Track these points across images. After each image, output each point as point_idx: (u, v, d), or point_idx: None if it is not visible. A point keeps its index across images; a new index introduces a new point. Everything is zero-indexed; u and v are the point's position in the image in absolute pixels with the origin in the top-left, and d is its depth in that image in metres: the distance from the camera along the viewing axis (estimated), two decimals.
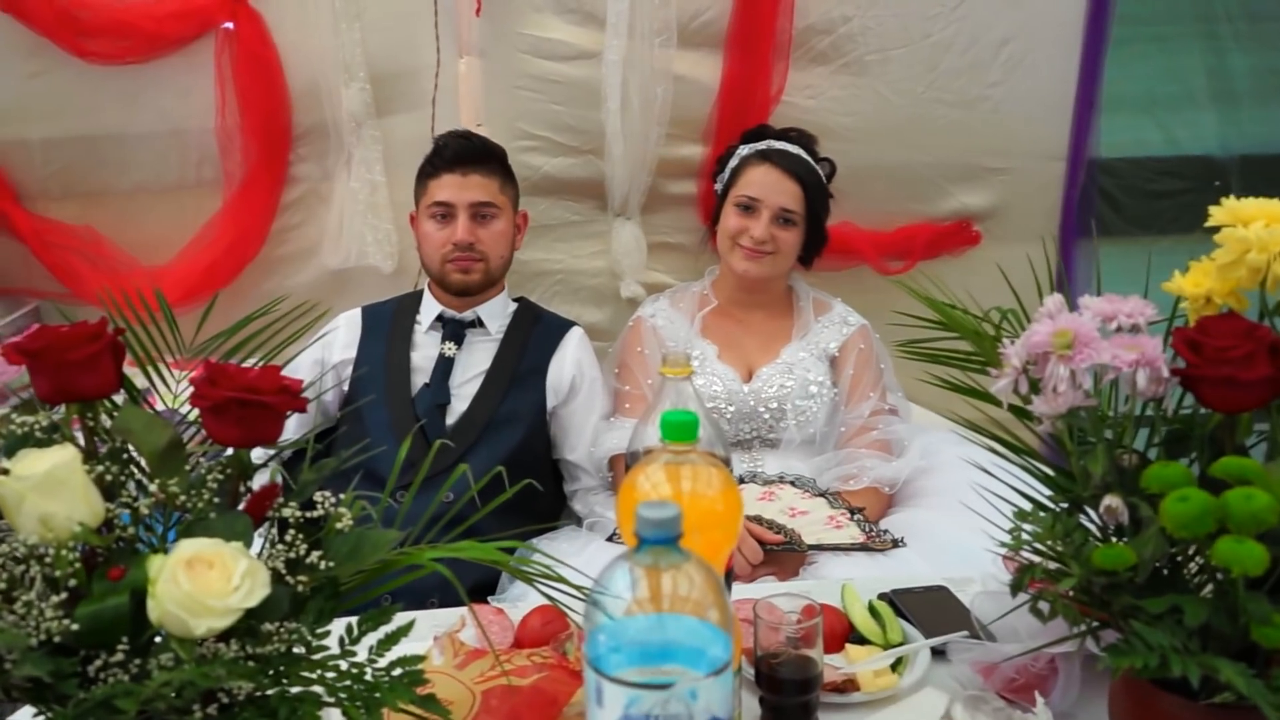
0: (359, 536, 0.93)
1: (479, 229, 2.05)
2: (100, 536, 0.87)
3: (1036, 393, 1.07)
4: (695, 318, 2.19)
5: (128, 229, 2.51)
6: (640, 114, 2.40)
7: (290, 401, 0.94)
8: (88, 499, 0.88)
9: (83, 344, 0.93)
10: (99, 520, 0.88)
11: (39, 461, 0.87)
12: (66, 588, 0.84)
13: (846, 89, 2.49)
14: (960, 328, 1.30)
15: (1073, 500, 1.10)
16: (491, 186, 2.07)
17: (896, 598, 1.45)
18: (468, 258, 2.05)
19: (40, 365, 0.94)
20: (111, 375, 0.96)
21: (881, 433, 2.07)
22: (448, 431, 1.98)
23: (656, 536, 0.85)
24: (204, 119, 2.44)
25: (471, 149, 2.06)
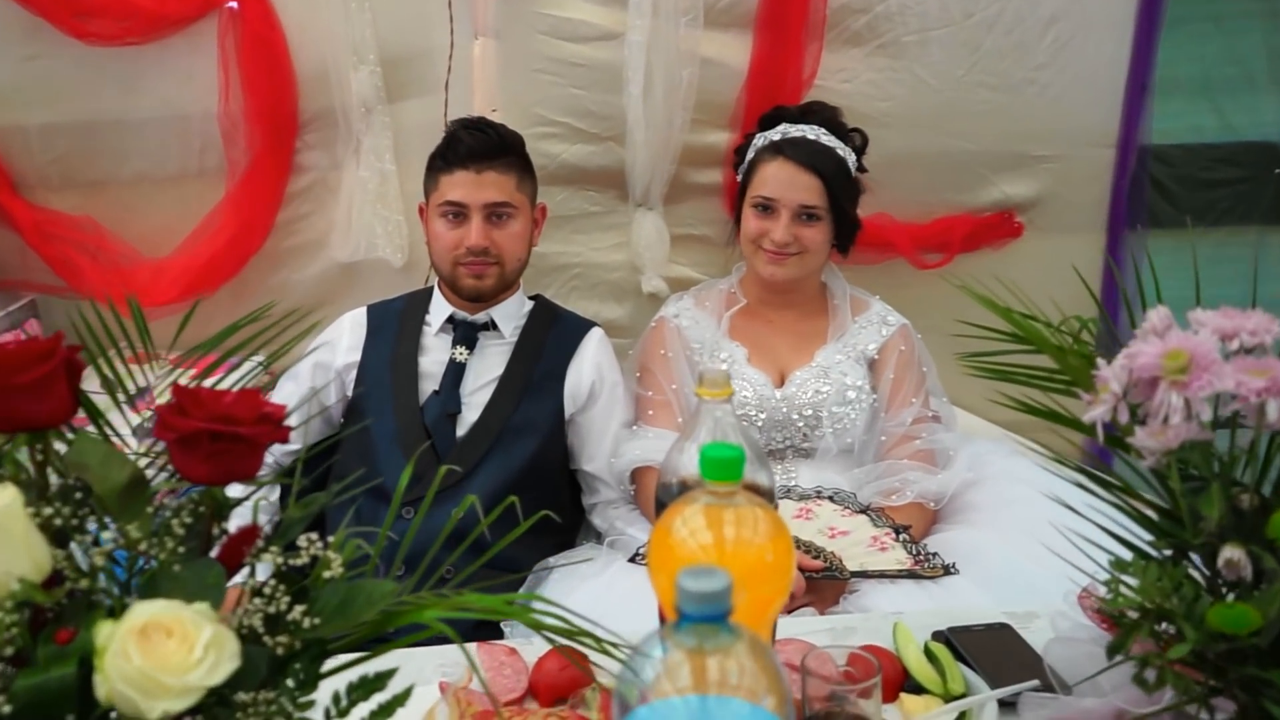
0: (351, 588, 0.81)
1: (494, 231, 1.89)
2: (47, 592, 0.75)
3: (1139, 423, 0.91)
4: (723, 318, 2.03)
5: (129, 220, 2.37)
6: (664, 98, 2.24)
7: (271, 433, 0.81)
8: (30, 549, 0.75)
9: (32, 365, 0.81)
10: (45, 573, 0.75)
11: None
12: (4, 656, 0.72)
13: (883, 72, 2.32)
14: (1039, 341, 1.12)
15: (1178, 547, 0.94)
16: (508, 184, 1.89)
17: (955, 638, 1.29)
18: (481, 262, 1.89)
19: None
20: (66, 400, 0.83)
21: (925, 442, 1.92)
22: (458, 442, 1.84)
23: (703, 614, 0.71)
24: (207, 104, 2.28)
25: (487, 143, 1.89)
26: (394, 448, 1.81)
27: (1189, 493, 0.91)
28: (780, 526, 0.92)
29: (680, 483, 1.07)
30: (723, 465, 0.90)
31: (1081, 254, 2.51)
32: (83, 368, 0.86)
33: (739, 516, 0.91)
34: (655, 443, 1.87)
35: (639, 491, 1.89)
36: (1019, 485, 1.85)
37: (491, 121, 1.94)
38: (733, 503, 0.91)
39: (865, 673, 1.05)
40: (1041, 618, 1.32)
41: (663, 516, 0.93)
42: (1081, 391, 0.99)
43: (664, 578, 0.91)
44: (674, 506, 0.92)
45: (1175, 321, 0.98)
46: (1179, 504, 0.91)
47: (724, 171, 2.33)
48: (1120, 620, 0.94)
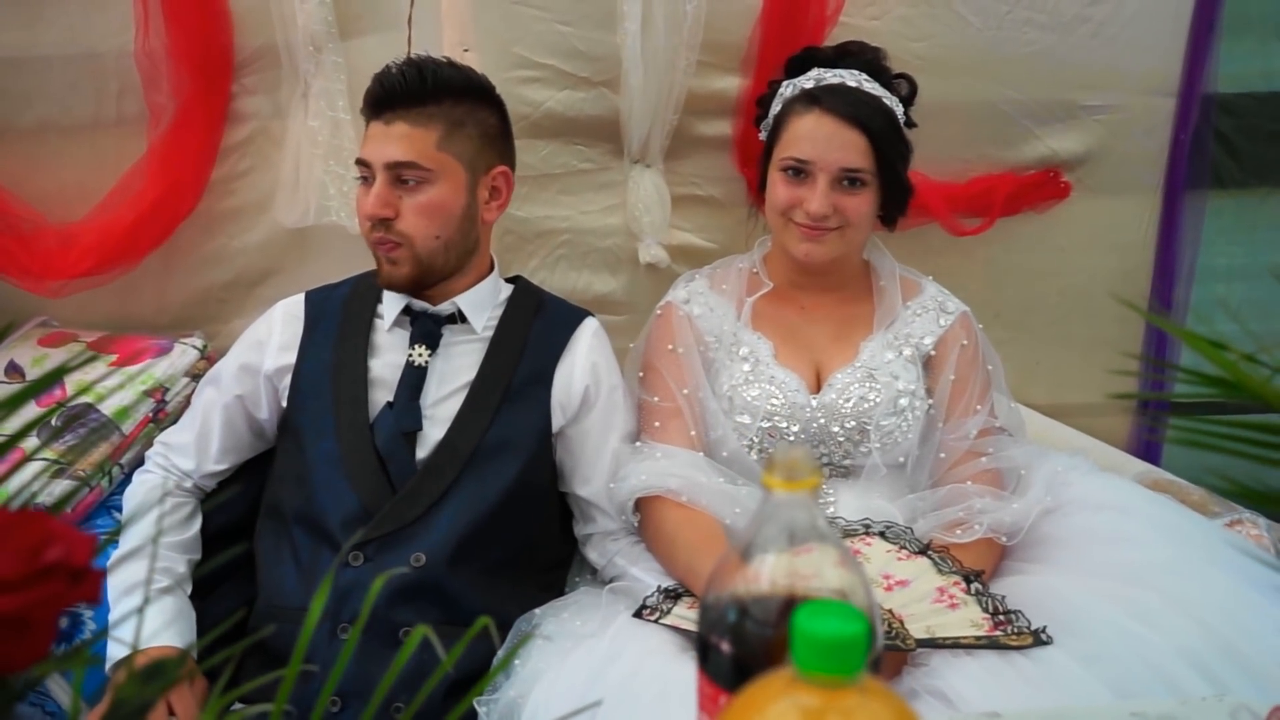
0: None
1: (400, 199, 1.46)
2: None
3: None
4: (744, 305, 1.66)
5: (31, 177, 2.00)
6: (665, 37, 1.91)
7: (67, 593, 0.52)
8: None
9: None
10: None
11: None
12: None
13: (917, 7, 2.01)
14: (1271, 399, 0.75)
15: None
16: (423, 140, 1.45)
17: None
18: (386, 240, 1.47)
19: None
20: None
21: (993, 459, 1.57)
22: (419, 468, 1.46)
23: None
24: (123, 40, 1.92)
25: (402, 88, 1.45)
26: (336, 475, 1.45)
27: None
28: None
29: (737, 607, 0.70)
30: (832, 652, 0.55)
31: (1135, 217, 2.21)
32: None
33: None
34: (665, 464, 1.53)
35: (645, 524, 1.54)
36: (1106, 513, 1.53)
37: (434, 61, 1.51)
38: (841, 706, 0.55)
39: None
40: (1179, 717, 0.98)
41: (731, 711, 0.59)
42: None
43: None
44: (746, 700, 0.57)
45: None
46: None
47: (734, 122, 2.01)
48: None
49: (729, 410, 1.58)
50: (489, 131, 1.53)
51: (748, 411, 1.57)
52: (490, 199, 1.53)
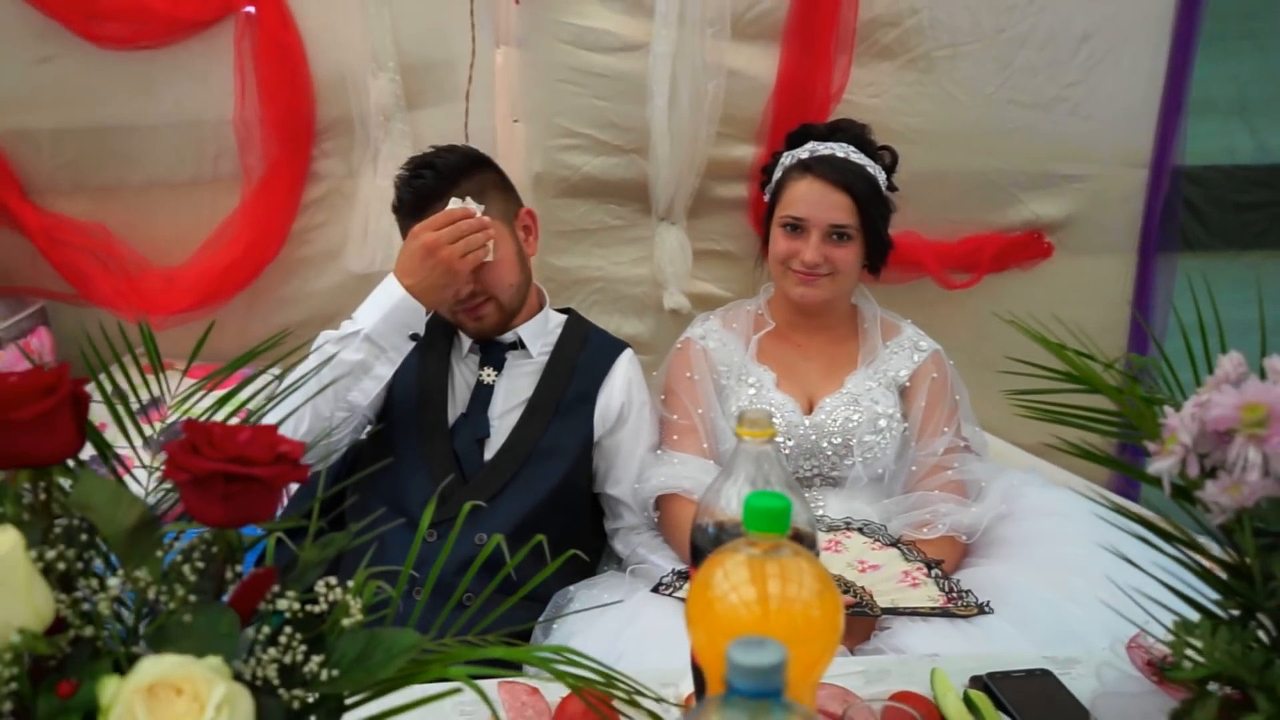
0: (370, 637, 0.74)
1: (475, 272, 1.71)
2: (49, 642, 0.68)
3: (1209, 477, 0.84)
4: (750, 341, 1.92)
5: (140, 227, 2.24)
6: (689, 111, 2.13)
7: (289, 473, 0.74)
8: (31, 598, 0.68)
9: (35, 399, 0.73)
10: (47, 622, 0.69)
11: None
12: (4, 711, 0.67)
13: (912, 87, 2.21)
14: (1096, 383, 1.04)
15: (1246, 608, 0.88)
16: None
17: (995, 685, 1.21)
18: (473, 305, 1.74)
19: None
20: (72, 435, 0.77)
21: (957, 473, 1.80)
22: (485, 466, 1.74)
23: (755, 690, 0.64)
24: (222, 109, 2.17)
25: (427, 189, 1.71)
26: (419, 466, 1.72)
27: (1261, 550, 0.84)
28: (826, 581, 0.85)
29: (717, 525, 0.99)
30: (768, 516, 0.83)
31: (1112, 276, 2.37)
32: (89, 400, 0.80)
33: (784, 570, 0.83)
34: (680, 468, 1.79)
35: (663, 518, 1.80)
36: (1052, 519, 1.76)
37: (429, 157, 1.77)
38: (778, 555, 0.84)
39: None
40: (1083, 663, 1.24)
41: (702, 568, 0.86)
42: (1146, 440, 0.91)
43: (703, 633, 0.86)
44: (714, 558, 0.85)
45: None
46: (1250, 563, 0.85)
47: (749, 186, 2.23)
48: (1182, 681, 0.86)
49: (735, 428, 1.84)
50: (500, 185, 1.80)
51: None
52: (526, 236, 1.80)
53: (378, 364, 1.64)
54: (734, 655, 0.64)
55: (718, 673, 0.71)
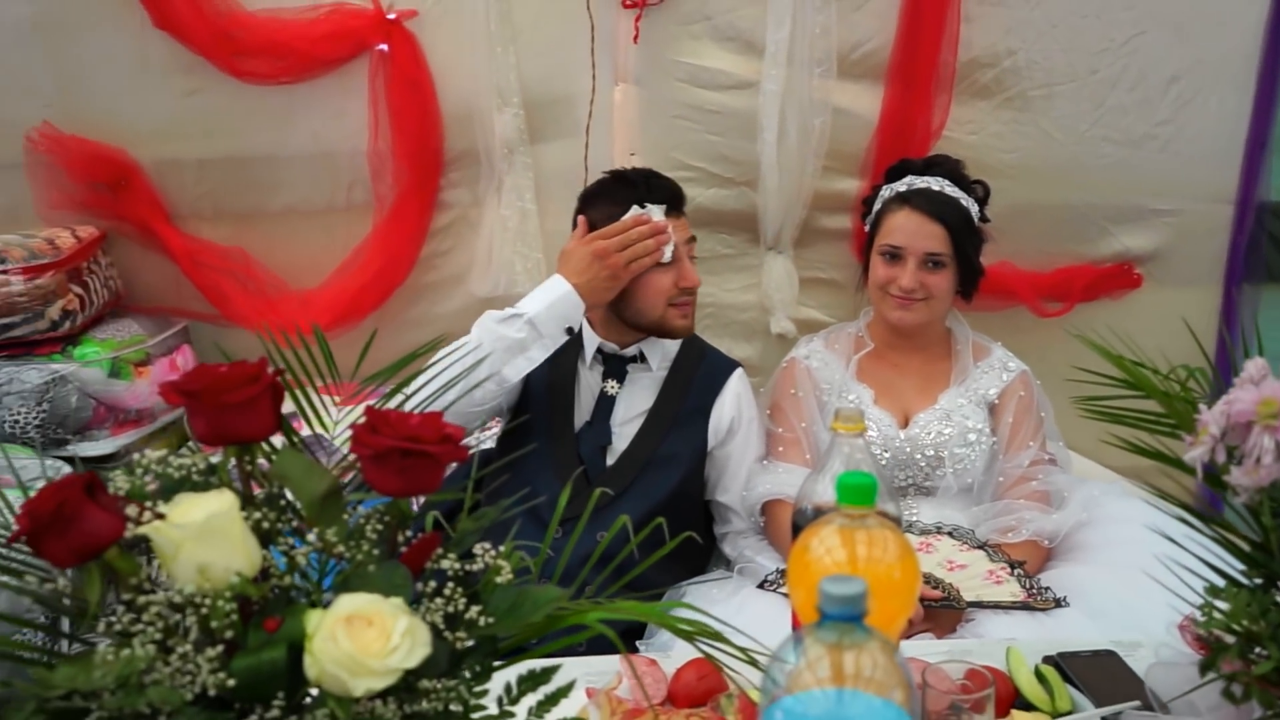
0: (520, 592, 0.89)
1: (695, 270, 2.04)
2: (257, 586, 0.83)
3: (1235, 463, 1.02)
4: (851, 361, 2.17)
5: (277, 251, 2.48)
6: (797, 145, 2.36)
7: (452, 452, 0.88)
8: (245, 548, 0.83)
9: (242, 386, 0.87)
10: (256, 570, 0.84)
11: (197, 508, 0.83)
12: (223, 639, 0.80)
13: (1009, 124, 2.43)
14: (1147, 388, 1.24)
15: (1268, 576, 1.05)
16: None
17: (1063, 662, 1.41)
18: (685, 302, 1.98)
19: (199, 406, 0.88)
20: (270, 418, 0.91)
21: (1041, 483, 2.05)
22: (606, 470, 1.99)
23: (841, 613, 0.82)
24: (356, 141, 2.43)
25: (677, 194, 2.00)
26: (546, 468, 1.94)
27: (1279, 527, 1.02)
28: (907, 548, 1.06)
29: (815, 509, 1.23)
30: (857, 491, 1.01)
31: (1198, 306, 2.49)
32: (283, 391, 0.94)
33: (870, 537, 1.01)
34: (785, 477, 2.04)
35: (768, 523, 2.06)
36: (1129, 526, 1.95)
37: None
38: (865, 525, 1.02)
39: (980, 687, 1.15)
40: (1145, 647, 1.43)
41: (801, 536, 1.09)
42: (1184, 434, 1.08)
43: (801, 591, 1.04)
44: (811, 528, 1.05)
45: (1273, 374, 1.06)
46: (1269, 537, 1.02)
47: (853, 217, 2.51)
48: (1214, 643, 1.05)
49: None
50: None
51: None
52: None
53: (534, 347, 1.88)
54: (825, 587, 0.82)
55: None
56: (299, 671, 0.80)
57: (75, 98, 2.31)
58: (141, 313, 2.43)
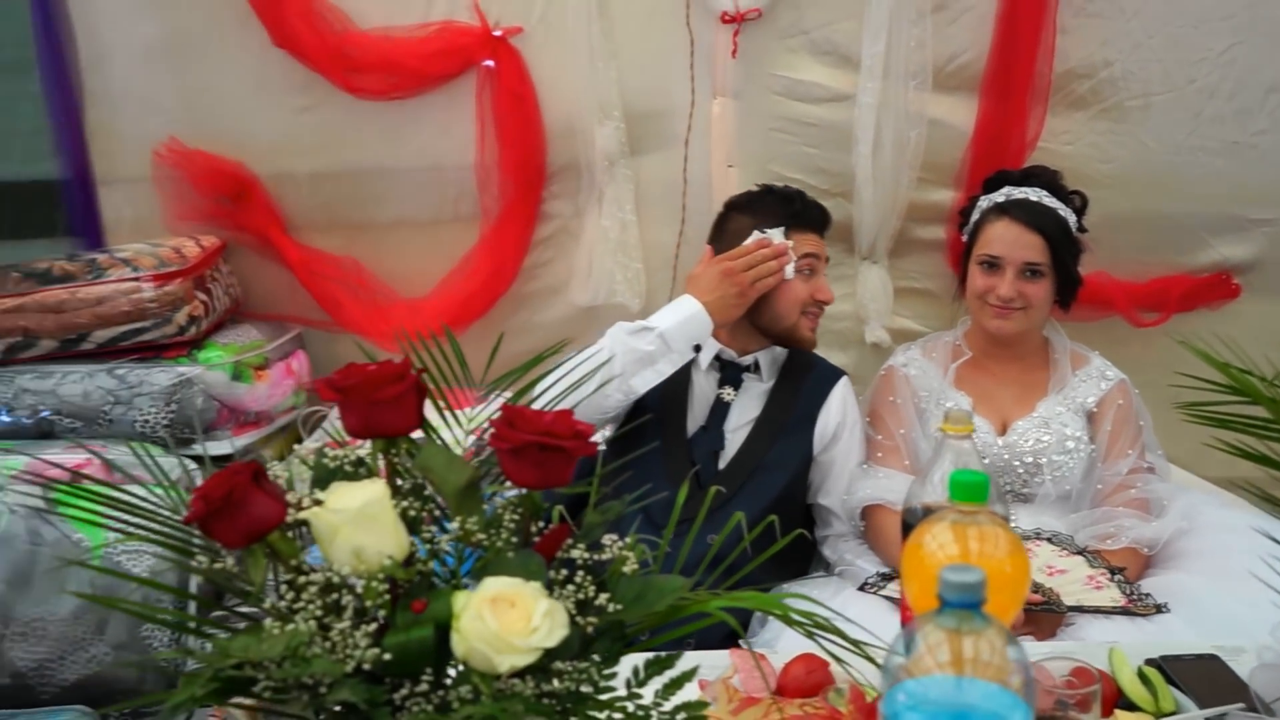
0: (645, 582, 0.93)
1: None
2: (405, 570, 0.89)
3: None
4: (949, 368, 2.18)
5: (387, 260, 2.55)
6: (892, 157, 2.37)
7: (583, 447, 0.93)
8: (396, 534, 0.89)
9: (390, 383, 0.93)
10: (404, 554, 0.89)
11: (352, 495, 0.88)
12: (375, 618, 0.86)
13: (1105, 135, 2.41)
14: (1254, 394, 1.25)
15: None
16: None
17: (1166, 665, 1.41)
18: (816, 313, 2.06)
19: (351, 402, 0.94)
20: (414, 414, 0.96)
21: (1140, 491, 2.04)
22: (717, 474, 2.02)
23: (961, 600, 0.84)
24: (462, 155, 2.48)
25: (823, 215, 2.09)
26: (659, 471, 1.97)
27: None
28: (1017, 544, 1.08)
29: (924, 508, 1.27)
30: (970, 487, 1.05)
31: None
32: (425, 389, 0.99)
33: (982, 533, 1.04)
34: (885, 482, 2.05)
35: (869, 527, 2.07)
36: (1229, 534, 1.95)
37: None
38: (977, 521, 1.05)
39: (1086, 684, 1.18)
40: (1248, 652, 1.43)
41: (914, 531, 1.11)
42: None
43: (915, 584, 1.07)
44: (924, 524, 1.08)
45: None
46: None
47: (947, 228, 2.51)
48: None
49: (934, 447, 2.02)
50: None
51: None
52: None
53: (662, 360, 1.95)
54: (945, 575, 0.84)
55: None
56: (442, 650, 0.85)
57: (199, 114, 2.43)
58: (258, 319, 2.51)
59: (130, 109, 2.44)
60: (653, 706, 0.93)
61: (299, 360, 2.51)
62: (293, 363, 2.48)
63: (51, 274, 2.23)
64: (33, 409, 2.18)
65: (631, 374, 1.92)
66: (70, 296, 2.20)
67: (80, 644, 1.91)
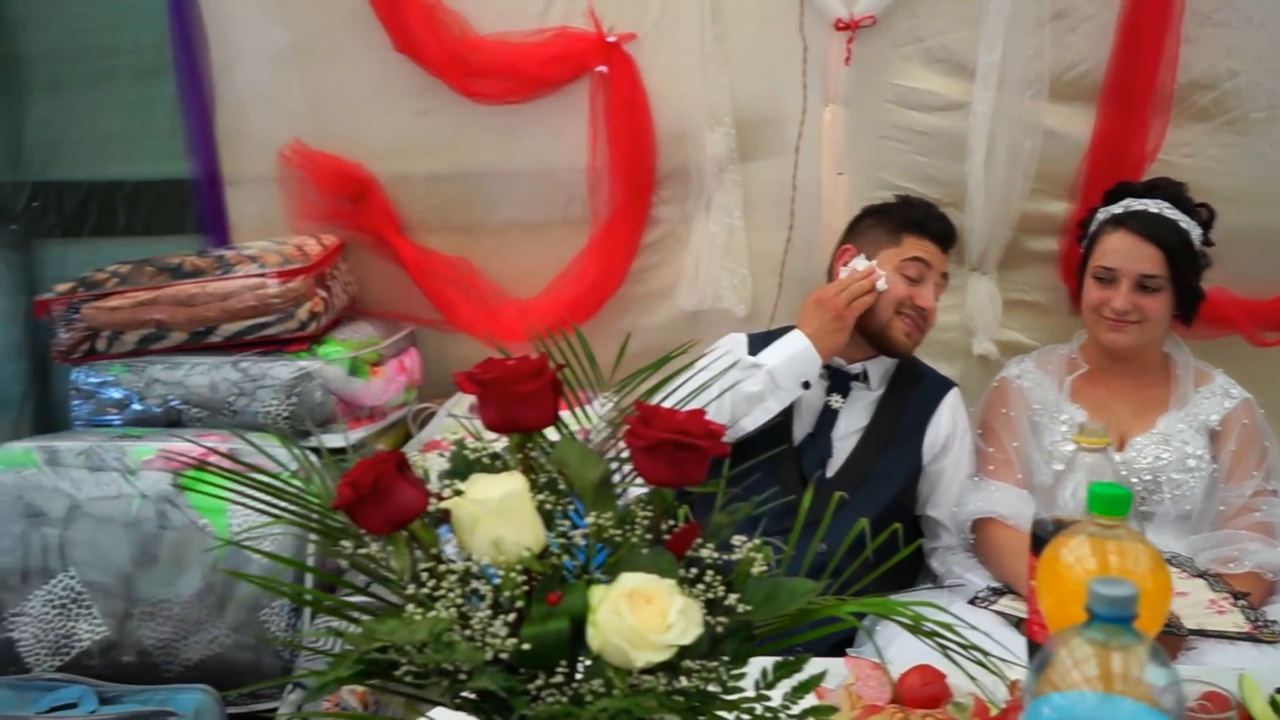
0: (775, 584, 0.93)
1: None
2: (542, 563, 0.89)
3: None
4: (1064, 382, 2.11)
5: (498, 262, 2.56)
6: (1005, 167, 2.32)
7: (716, 446, 0.92)
8: (534, 527, 0.89)
9: (529, 378, 0.94)
10: (540, 547, 0.90)
11: (493, 487, 0.89)
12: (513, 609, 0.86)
13: (1228, 148, 2.32)
14: None
15: None
16: None
17: None
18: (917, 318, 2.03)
19: (490, 395, 0.95)
20: (550, 409, 0.97)
21: (1265, 515, 1.96)
22: (825, 483, 2.00)
23: (1111, 615, 0.81)
24: (573, 159, 2.49)
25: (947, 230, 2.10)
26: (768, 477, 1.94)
27: None
28: (1158, 561, 1.04)
29: (1055, 522, 1.23)
30: (1111, 501, 1.01)
31: None
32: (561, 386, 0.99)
33: (1122, 548, 1.01)
34: (998, 495, 2.01)
35: (980, 540, 2.02)
36: None
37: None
38: (1116, 535, 1.02)
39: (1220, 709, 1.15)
40: None
41: (1050, 544, 1.09)
42: None
43: (1051, 598, 1.06)
44: (1060, 537, 1.05)
45: None
46: None
47: (1060, 240, 2.44)
48: None
49: (1048, 460, 2.05)
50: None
51: (1063, 462, 2.00)
52: None
53: (770, 398, 1.95)
54: (1096, 588, 0.81)
55: None
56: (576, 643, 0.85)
57: (323, 117, 2.49)
58: (373, 317, 2.55)
59: (258, 112, 2.51)
60: (781, 709, 0.92)
61: (411, 357, 2.55)
62: (405, 360, 2.52)
63: (183, 269, 2.30)
64: (163, 399, 2.25)
65: (741, 414, 1.92)
66: (200, 291, 2.27)
67: (201, 625, 1.98)
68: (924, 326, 2.06)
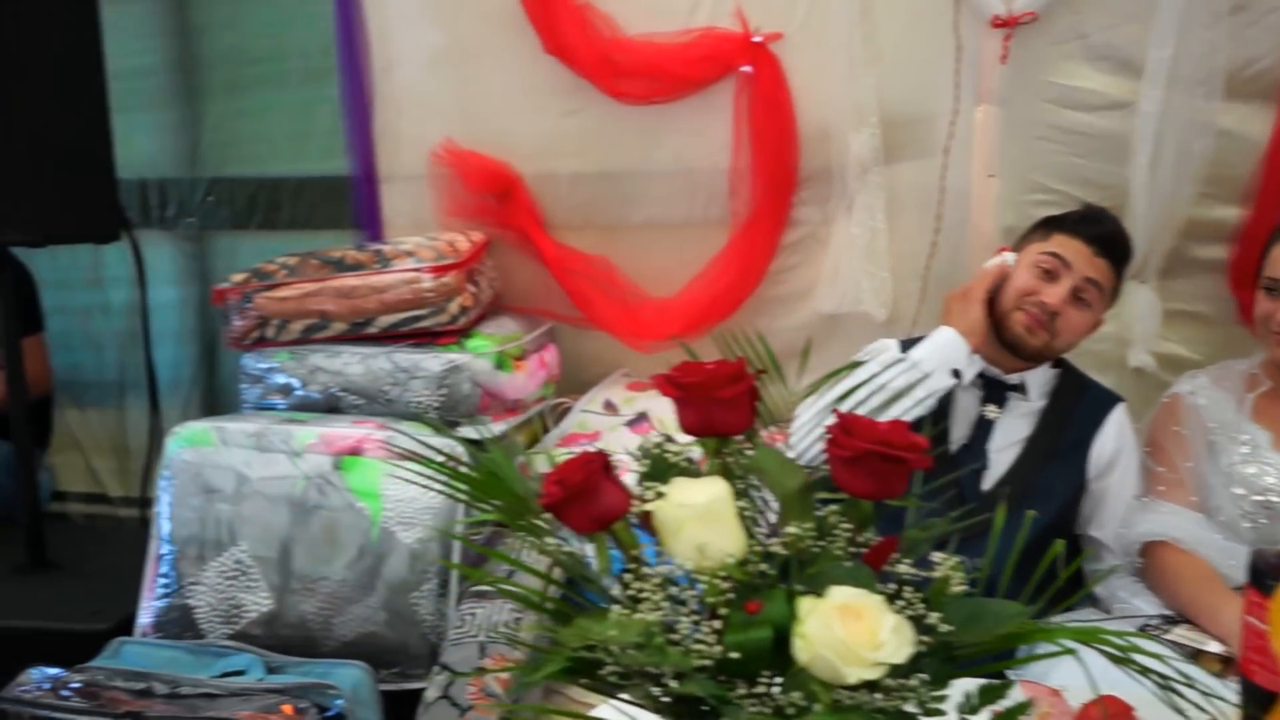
0: (978, 604, 0.89)
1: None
2: (742, 570, 0.87)
3: None
4: (1244, 400, 1.97)
5: (637, 261, 2.55)
6: (1173, 170, 2.20)
7: (921, 460, 0.89)
8: (736, 533, 0.87)
9: (729, 383, 0.92)
10: (743, 554, 0.87)
11: (697, 491, 0.88)
12: (718, 615, 0.84)
13: None
14: None
15: None
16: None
17: None
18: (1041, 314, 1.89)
19: (690, 399, 0.93)
20: (748, 416, 0.95)
21: None
22: (981, 497, 1.91)
23: None
24: (714, 159, 2.47)
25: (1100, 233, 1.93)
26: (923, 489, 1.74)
27: None
28: None
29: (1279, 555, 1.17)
30: None
31: None
32: (758, 392, 0.96)
33: None
34: (1170, 518, 1.88)
35: (1150, 565, 1.89)
36: None
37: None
38: None
39: None
40: None
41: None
42: None
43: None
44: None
45: None
46: None
47: (1230, 248, 2.31)
48: None
49: (1225, 483, 1.90)
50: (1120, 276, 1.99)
51: (1243, 485, 1.88)
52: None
53: (919, 387, 1.86)
54: None
55: None
56: (777, 653, 0.82)
57: (473, 117, 2.52)
58: (515, 312, 2.55)
59: (413, 111, 2.56)
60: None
61: (550, 353, 2.55)
62: (545, 355, 2.53)
63: (345, 262, 2.36)
64: (324, 386, 2.30)
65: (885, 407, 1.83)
66: (360, 284, 2.31)
67: (352, 602, 2.02)
68: (1049, 326, 1.89)
